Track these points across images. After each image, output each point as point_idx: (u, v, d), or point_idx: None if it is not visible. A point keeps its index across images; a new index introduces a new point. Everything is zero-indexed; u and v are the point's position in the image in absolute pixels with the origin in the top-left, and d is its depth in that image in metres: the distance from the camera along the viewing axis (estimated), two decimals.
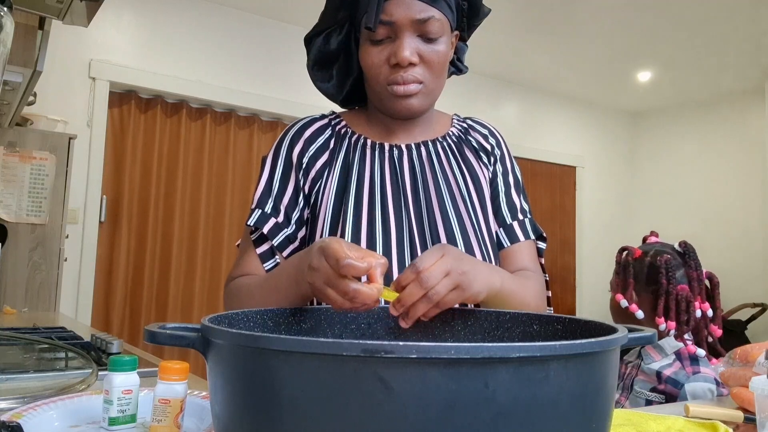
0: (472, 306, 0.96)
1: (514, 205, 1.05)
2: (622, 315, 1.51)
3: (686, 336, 1.41)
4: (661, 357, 1.38)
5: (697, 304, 1.41)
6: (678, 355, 1.38)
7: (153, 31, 3.63)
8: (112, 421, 0.70)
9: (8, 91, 1.85)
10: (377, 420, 0.40)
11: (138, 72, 3.55)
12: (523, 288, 0.91)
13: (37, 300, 2.52)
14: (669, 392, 1.32)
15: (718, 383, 1.31)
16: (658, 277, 1.43)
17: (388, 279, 0.94)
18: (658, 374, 1.35)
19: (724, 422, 0.87)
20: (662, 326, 1.39)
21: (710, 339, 1.40)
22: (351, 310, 0.71)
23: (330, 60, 1.04)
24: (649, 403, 1.33)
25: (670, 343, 1.39)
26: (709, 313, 1.42)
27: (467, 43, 1.08)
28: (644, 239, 1.58)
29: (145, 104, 3.67)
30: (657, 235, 1.57)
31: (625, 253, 1.54)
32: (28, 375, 1.04)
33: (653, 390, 1.34)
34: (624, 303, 1.47)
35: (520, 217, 1.05)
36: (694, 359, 1.36)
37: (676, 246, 1.50)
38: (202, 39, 3.77)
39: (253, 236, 0.99)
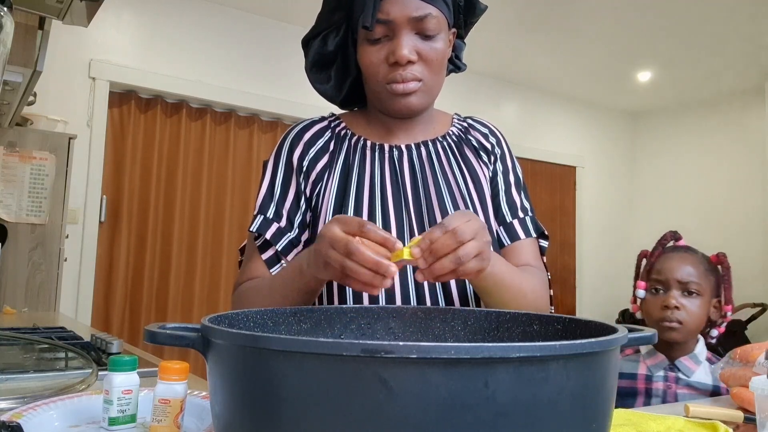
0: (473, 304, 0.96)
1: (515, 204, 1.05)
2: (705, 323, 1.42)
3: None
4: (697, 366, 1.34)
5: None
6: (710, 361, 1.36)
7: (153, 31, 3.63)
8: (112, 421, 0.70)
9: (8, 91, 1.85)
10: (377, 420, 0.40)
11: (138, 72, 3.55)
12: (517, 276, 0.91)
13: (37, 300, 2.52)
14: None
15: None
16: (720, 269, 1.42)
17: None
18: (716, 385, 1.30)
19: (724, 422, 0.87)
20: (729, 313, 1.39)
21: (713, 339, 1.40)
22: (351, 281, 0.72)
23: (328, 61, 1.04)
24: None
25: (701, 349, 1.37)
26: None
27: (465, 40, 1.08)
28: (676, 239, 1.49)
29: (145, 104, 3.67)
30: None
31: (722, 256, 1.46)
32: (28, 375, 1.04)
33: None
34: (730, 313, 1.40)
35: (521, 215, 1.05)
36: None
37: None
38: (202, 39, 3.77)
39: (258, 242, 0.99)
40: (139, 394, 0.73)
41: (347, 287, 0.93)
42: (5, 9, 0.83)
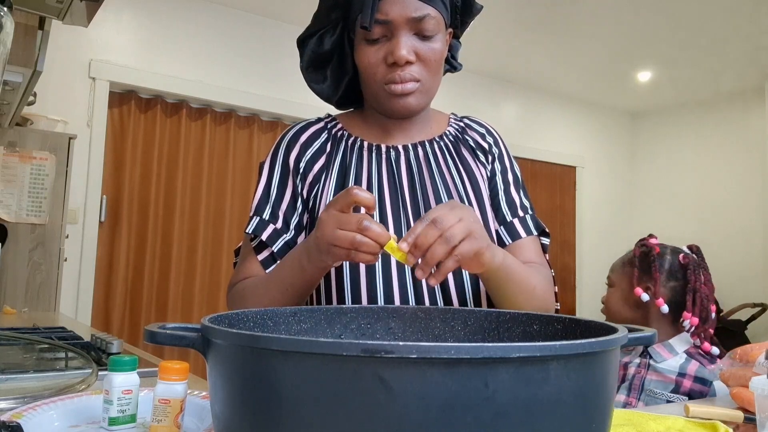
0: (472, 304, 0.96)
1: (514, 203, 1.05)
2: (630, 306, 1.48)
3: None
4: (672, 355, 1.37)
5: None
6: (688, 353, 1.37)
7: (153, 31, 3.63)
8: (112, 421, 0.70)
9: (8, 91, 1.85)
10: (377, 420, 0.40)
11: (138, 72, 3.55)
12: (526, 269, 0.91)
13: (37, 300, 2.52)
14: (698, 390, 1.30)
15: None
16: (684, 274, 1.43)
17: (385, 277, 0.94)
18: (681, 373, 1.33)
19: (724, 422, 0.87)
20: (686, 322, 1.39)
21: (714, 348, 1.40)
22: (357, 252, 0.74)
23: (324, 61, 1.04)
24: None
25: (680, 341, 1.39)
26: (713, 316, 1.42)
27: (461, 40, 1.08)
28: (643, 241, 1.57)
29: (145, 104, 3.67)
30: (656, 239, 1.56)
31: (644, 247, 1.52)
32: (28, 375, 1.04)
33: (674, 391, 1.33)
34: (645, 296, 1.44)
35: (521, 213, 1.04)
36: (707, 357, 1.36)
37: (685, 248, 1.50)
38: (202, 39, 3.77)
39: (253, 243, 0.99)
40: (139, 394, 0.73)
41: (346, 287, 0.93)
42: (5, 9, 0.83)
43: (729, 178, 5.30)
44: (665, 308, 1.43)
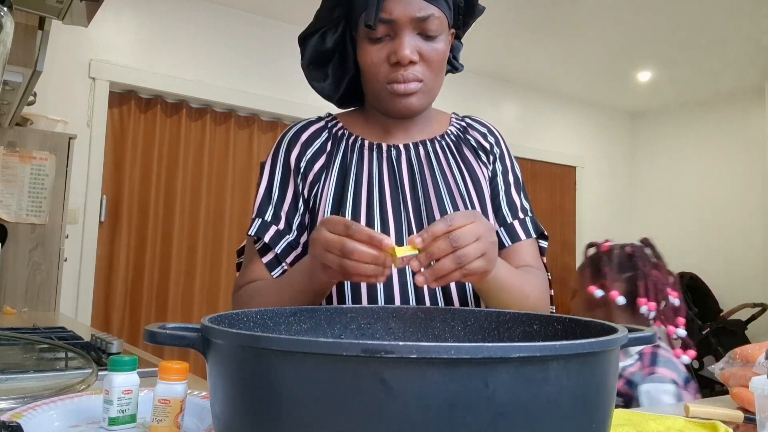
0: (472, 304, 0.96)
1: (515, 204, 1.05)
2: (591, 308, 1.50)
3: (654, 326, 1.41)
4: (626, 357, 1.38)
5: (668, 290, 1.43)
6: (641, 354, 1.38)
7: (153, 31, 3.63)
8: (112, 421, 0.70)
9: (8, 91, 1.85)
10: (377, 420, 0.40)
11: (138, 72, 3.55)
12: (519, 278, 0.91)
13: (37, 300, 2.52)
14: (624, 393, 1.31)
15: (677, 384, 1.30)
16: (632, 262, 1.47)
17: (386, 282, 0.94)
18: (620, 374, 1.34)
19: (724, 422, 0.87)
20: (643, 308, 1.41)
21: (680, 330, 1.41)
22: (353, 277, 0.73)
23: (325, 59, 1.03)
24: None
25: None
26: (676, 302, 1.43)
27: (462, 40, 1.08)
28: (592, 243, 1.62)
29: (145, 104, 3.67)
30: (611, 242, 1.60)
31: (592, 248, 1.56)
32: (28, 375, 1.04)
33: None
34: (599, 293, 1.48)
35: (521, 215, 1.04)
36: (654, 359, 1.36)
37: (635, 242, 1.54)
38: (202, 39, 3.77)
39: (257, 245, 0.99)
40: (139, 394, 0.73)
41: (346, 288, 0.93)
42: (5, 9, 0.83)
43: (729, 178, 5.29)
44: (621, 299, 1.44)
